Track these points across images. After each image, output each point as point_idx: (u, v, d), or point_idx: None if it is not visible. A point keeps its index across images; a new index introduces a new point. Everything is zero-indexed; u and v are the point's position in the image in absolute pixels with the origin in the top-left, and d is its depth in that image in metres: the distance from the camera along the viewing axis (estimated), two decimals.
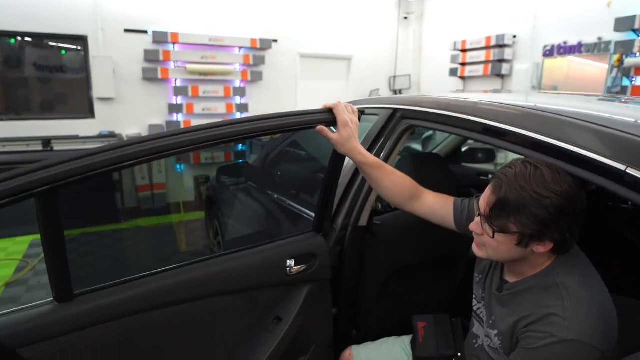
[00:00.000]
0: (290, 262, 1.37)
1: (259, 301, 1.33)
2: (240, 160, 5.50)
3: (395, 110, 1.63)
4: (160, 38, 5.02)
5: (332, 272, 1.51)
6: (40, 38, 4.71)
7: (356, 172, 1.68)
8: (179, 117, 5.32)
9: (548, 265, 0.98)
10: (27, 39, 4.69)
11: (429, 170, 1.80)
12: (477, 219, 1.01)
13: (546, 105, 1.15)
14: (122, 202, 4.78)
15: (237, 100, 5.67)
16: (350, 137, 1.18)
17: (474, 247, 1.06)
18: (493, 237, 0.96)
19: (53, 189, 0.74)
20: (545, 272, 0.98)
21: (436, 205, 1.29)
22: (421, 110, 1.49)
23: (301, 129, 1.14)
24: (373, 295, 1.82)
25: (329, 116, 1.19)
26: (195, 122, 5.38)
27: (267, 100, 5.74)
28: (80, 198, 4.36)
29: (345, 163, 1.55)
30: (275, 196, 2.28)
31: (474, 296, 1.23)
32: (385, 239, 1.76)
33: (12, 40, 4.68)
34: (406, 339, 1.49)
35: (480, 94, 1.59)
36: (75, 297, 0.95)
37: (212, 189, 3.35)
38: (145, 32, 5.00)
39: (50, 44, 4.80)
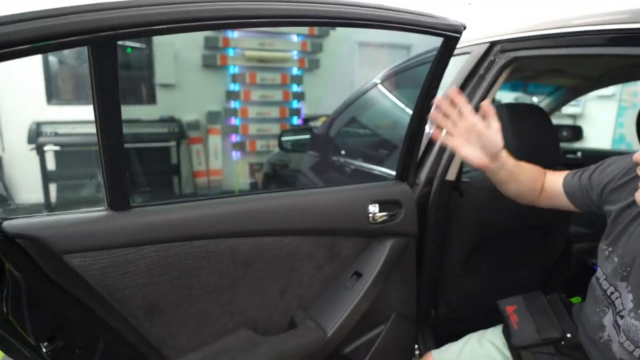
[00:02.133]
0: (373, 209, 1.17)
1: (337, 251, 1.14)
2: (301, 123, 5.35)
3: (493, 43, 1.39)
4: None
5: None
6: None
7: None
8: (236, 105, 5.29)
9: None
10: None
11: (528, 123, 1.55)
12: None
13: None
14: (180, 186, 4.80)
15: (294, 88, 5.57)
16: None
17: (638, 195, 0.77)
18: None
19: (113, 37, 0.59)
20: None
21: (550, 187, 1.09)
22: (529, 35, 1.25)
23: (417, 31, 0.94)
24: (457, 265, 1.59)
25: (450, 25, 0.98)
26: (252, 110, 5.35)
27: (324, 89, 5.60)
28: (141, 179, 4.45)
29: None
30: (348, 161, 2.10)
31: (603, 276, 0.94)
32: (474, 200, 1.52)
33: None
34: (495, 331, 1.20)
35: None
36: (132, 208, 0.81)
37: (270, 165, 3.23)
38: None
39: (118, 42, 4.93)
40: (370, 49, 5.97)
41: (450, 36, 1.05)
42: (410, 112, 1.24)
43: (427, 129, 1.45)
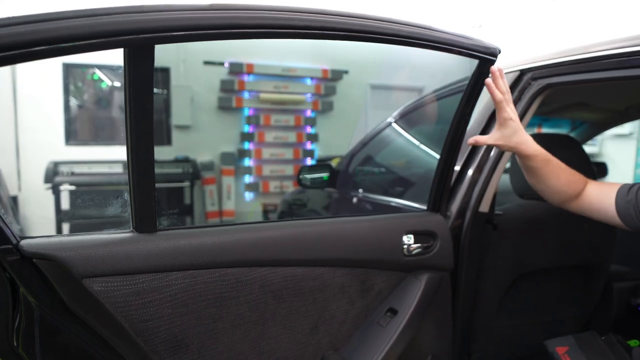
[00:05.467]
0: (408, 240, 1.10)
1: (370, 284, 1.06)
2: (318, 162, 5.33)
3: (523, 71, 1.36)
4: (236, 69, 5.16)
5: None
6: None
7: (473, 150, 1.41)
8: (250, 146, 5.33)
9: None
10: (116, 83, 5.03)
11: (560, 153, 1.49)
12: None
13: None
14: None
15: (308, 129, 5.62)
16: (516, 130, 0.97)
17: None
18: None
19: (152, 39, 0.55)
20: None
21: (595, 197, 1.00)
22: (563, 61, 1.22)
23: (453, 51, 0.92)
24: (492, 306, 1.48)
25: (486, 48, 0.96)
26: (266, 151, 5.38)
27: (337, 130, 5.64)
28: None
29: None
30: (369, 196, 2.04)
31: None
32: (508, 234, 1.44)
33: (104, 84, 5.06)
34: None
35: None
36: (159, 231, 0.75)
37: (286, 204, 3.17)
38: (223, 63, 5.16)
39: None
40: (382, 92, 6.06)
41: (485, 59, 1.01)
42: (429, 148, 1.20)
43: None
